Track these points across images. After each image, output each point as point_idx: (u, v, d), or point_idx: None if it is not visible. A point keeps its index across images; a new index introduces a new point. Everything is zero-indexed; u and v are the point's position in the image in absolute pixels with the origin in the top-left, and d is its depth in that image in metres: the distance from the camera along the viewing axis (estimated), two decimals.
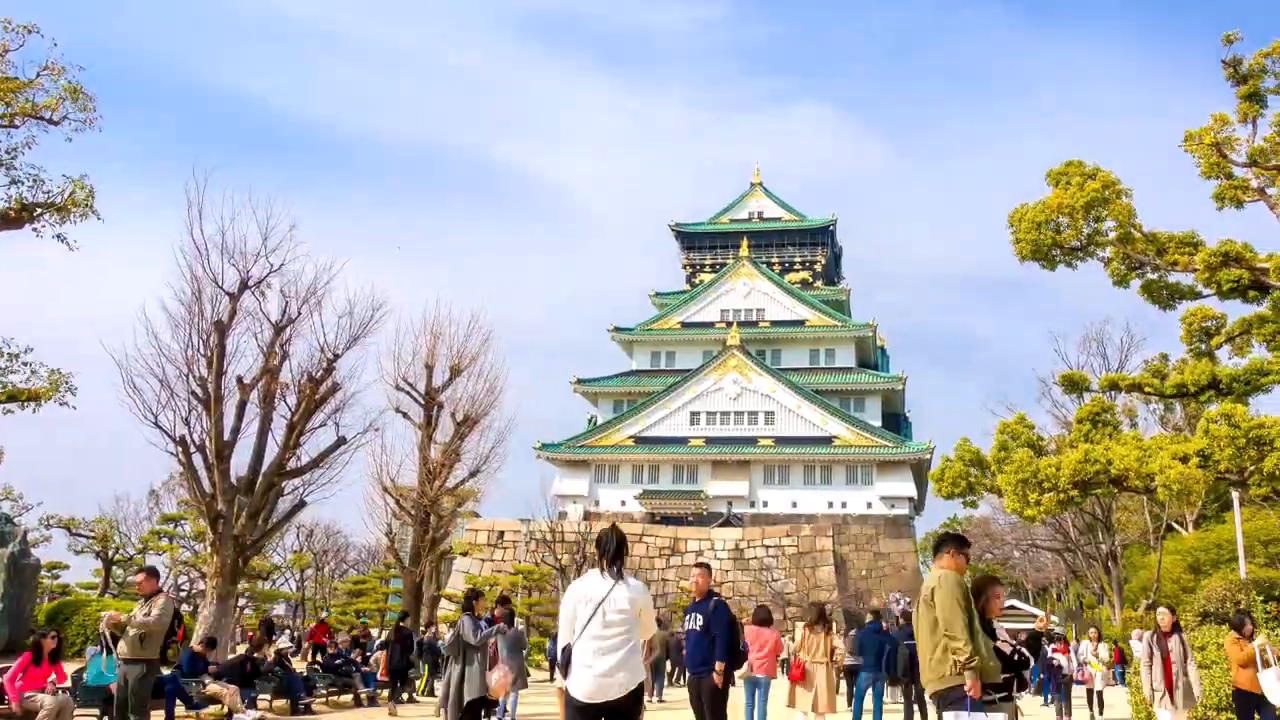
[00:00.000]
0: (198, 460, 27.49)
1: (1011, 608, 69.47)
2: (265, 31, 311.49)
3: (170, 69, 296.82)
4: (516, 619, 21.16)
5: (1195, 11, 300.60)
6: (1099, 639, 28.03)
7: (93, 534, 58.68)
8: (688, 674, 14.64)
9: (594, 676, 7.97)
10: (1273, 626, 19.37)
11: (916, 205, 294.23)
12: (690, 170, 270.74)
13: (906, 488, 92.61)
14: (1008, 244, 24.61)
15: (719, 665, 13.73)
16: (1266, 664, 14.37)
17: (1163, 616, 15.38)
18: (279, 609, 67.61)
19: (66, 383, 25.44)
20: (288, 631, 62.84)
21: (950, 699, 8.53)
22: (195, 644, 23.56)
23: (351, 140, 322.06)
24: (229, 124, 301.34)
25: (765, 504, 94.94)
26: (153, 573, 15.73)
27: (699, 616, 13.97)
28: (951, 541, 9.25)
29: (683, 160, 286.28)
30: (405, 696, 28.22)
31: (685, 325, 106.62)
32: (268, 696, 23.97)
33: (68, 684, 17.84)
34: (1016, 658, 8.99)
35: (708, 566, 14.50)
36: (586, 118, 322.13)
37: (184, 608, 50.15)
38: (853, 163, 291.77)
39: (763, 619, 19.14)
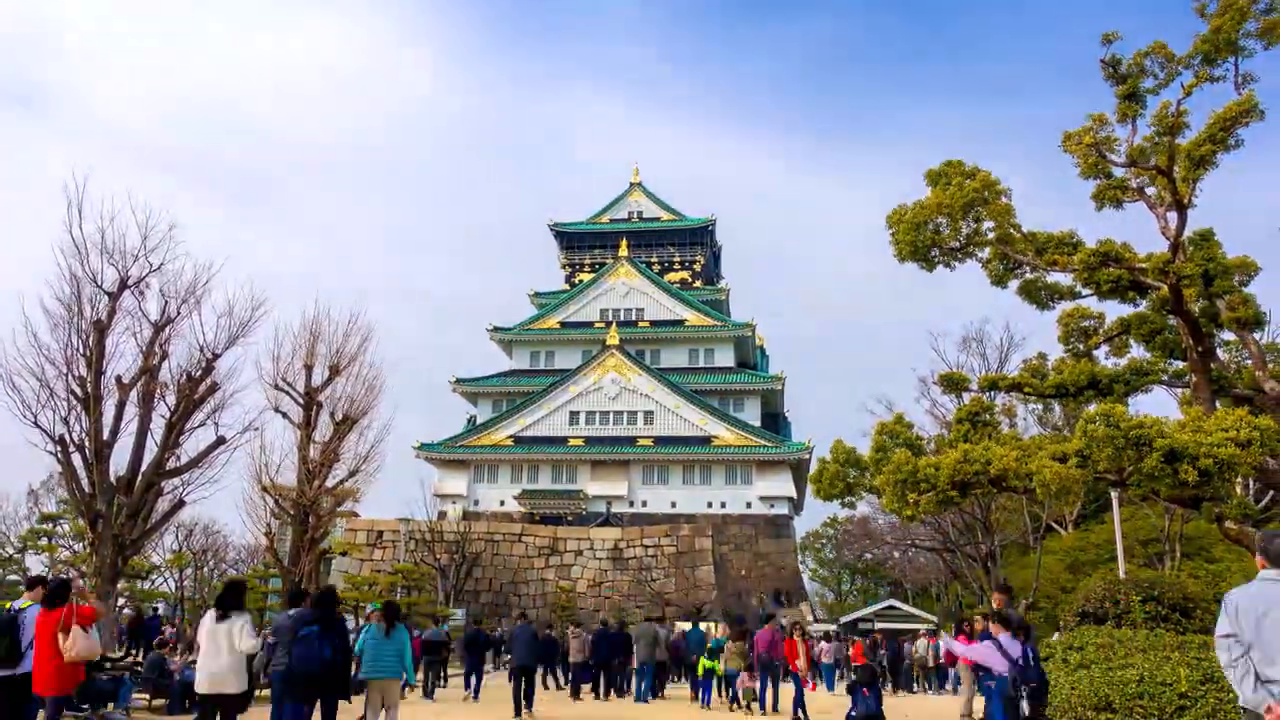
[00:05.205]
0: (77, 460, 27.19)
1: (891, 607, 70.37)
2: None
3: None
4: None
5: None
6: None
7: None
8: None
9: None
10: (1152, 626, 19.72)
11: (799, 204, 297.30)
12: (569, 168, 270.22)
13: (786, 487, 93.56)
14: (888, 244, 24.77)
15: None
16: None
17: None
18: (160, 608, 66.34)
19: None
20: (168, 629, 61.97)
21: None
22: None
23: None
24: None
25: (645, 504, 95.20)
26: None
27: None
28: None
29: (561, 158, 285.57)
30: None
31: (565, 325, 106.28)
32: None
33: None
34: None
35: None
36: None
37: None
38: (734, 161, 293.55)
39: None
